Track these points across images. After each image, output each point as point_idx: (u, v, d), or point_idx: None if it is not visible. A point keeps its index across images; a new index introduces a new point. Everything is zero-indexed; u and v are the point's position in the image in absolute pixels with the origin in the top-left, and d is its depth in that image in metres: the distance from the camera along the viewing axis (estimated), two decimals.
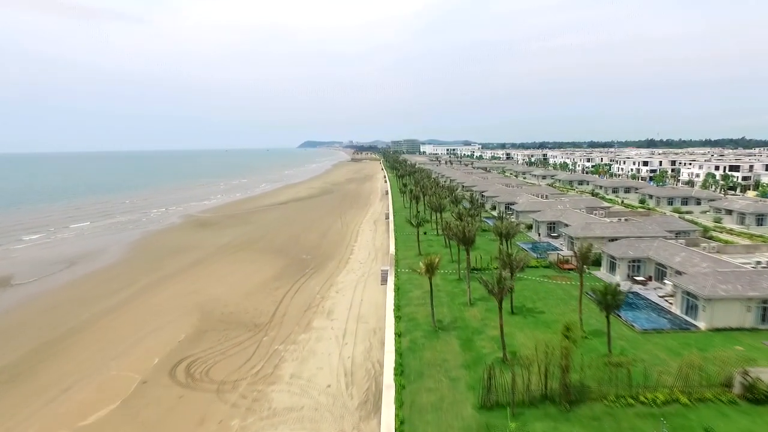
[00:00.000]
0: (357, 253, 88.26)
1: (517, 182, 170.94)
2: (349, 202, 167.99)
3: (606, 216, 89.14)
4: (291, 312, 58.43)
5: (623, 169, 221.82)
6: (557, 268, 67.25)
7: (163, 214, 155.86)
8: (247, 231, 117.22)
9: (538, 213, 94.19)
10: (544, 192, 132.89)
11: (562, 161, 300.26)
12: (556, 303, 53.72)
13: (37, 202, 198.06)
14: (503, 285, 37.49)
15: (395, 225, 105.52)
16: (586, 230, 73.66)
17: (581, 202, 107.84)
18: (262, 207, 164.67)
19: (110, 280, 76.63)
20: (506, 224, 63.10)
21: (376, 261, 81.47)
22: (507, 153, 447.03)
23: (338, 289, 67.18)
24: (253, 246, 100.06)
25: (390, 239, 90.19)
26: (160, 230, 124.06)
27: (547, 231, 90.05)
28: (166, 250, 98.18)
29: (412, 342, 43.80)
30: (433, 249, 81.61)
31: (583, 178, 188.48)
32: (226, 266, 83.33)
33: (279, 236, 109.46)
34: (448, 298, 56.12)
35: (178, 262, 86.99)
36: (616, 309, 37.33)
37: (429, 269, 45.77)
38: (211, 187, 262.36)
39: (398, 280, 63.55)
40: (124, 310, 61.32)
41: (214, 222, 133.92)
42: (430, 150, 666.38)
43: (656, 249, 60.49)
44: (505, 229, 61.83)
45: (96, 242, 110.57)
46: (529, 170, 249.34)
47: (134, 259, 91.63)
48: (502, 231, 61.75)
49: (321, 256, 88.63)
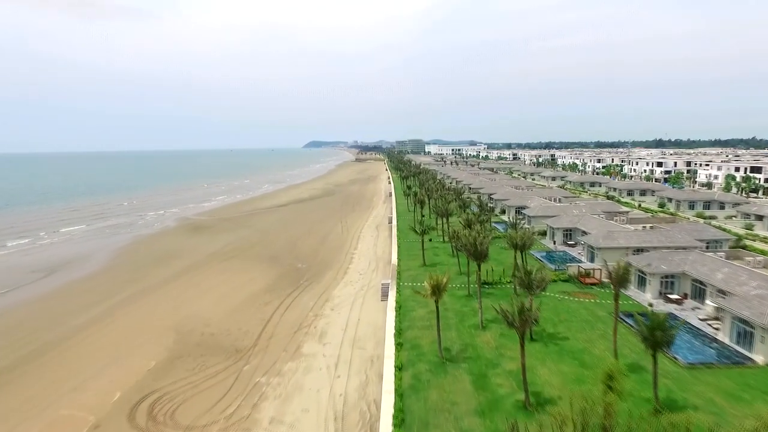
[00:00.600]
0: (357, 262, 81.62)
1: (526, 184, 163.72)
2: (351, 205, 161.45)
3: (627, 222, 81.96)
4: (279, 333, 51.85)
5: (635, 170, 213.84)
6: (578, 282, 60.26)
7: (158, 216, 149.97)
8: (243, 236, 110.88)
9: (552, 219, 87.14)
10: (556, 195, 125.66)
11: (570, 162, 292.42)
12: (581, 326, 46.80)
13: (33, 203, 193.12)
14: (526, 317, 30.61)
15: (398, 230, 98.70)
16: (608, 240, 66.60)
17: (598, 206, 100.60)
18: (260, 209, 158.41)
19: (87, 292, 70.41)
20: (521, 233, 56.15)
21: (376, 272, 74.79)
22: (514, 153, 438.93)
23: (334, 305, 60.50)
24: (246, 253, 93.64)
25: (392, 247, 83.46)
26: (152, 235, 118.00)
27: (563, 238, 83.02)
28: (153, 257, 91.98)
29: (415, 378, 37.08)
30: (439, 258, 74.87)
31: (595, 180, 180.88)
32: (214, 276, 76.92)
33: (275, 242, 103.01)
34: (456, 319, 49.34)
35: (164, 272, 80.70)
36: (667, 347, 30.24)
37: (435, 291, 38.96)
38: (213, 188, 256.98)
39: (400, 296, 56.80)
40: (94, 330, 54.97)
41: (209, 226, 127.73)
42: (435, 150, 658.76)
43: (693, 263, 53.39)
44: (520, 239, 54.90)
45: (83, 248, 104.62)
46: (538, 171, 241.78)
47: (118, 268, 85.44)
48: (517, 241, 54.82)
49: (318, 265, 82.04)
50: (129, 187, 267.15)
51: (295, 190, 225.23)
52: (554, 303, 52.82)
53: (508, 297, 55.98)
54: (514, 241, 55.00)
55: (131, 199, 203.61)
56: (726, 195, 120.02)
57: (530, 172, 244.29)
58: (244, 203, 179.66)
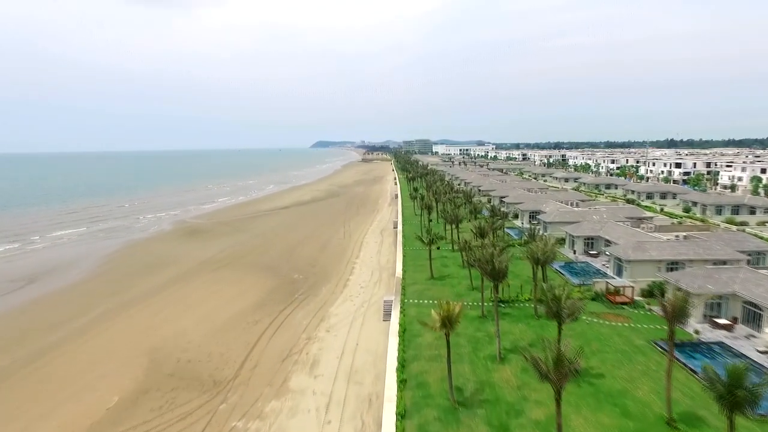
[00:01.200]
0: (358, 273, 74.89)
1: (538, 185, 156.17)
2: (356, 208, 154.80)
3: (656, 230, 74.54)
4: (265, 361, 45.24)
5: (652, 171, 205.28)
6: (606, 300, 53.16)
7: (155, 219, 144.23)
8: (239, 241, 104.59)
9: (572, 225, 79.90)
10: (572, 198, 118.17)
11: (582, 162, 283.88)
12: (617, 359, 39.77)
13: (33, 204, 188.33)
14: (566, 369, 23.63)
15: (404, 236, 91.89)
16: (639, 251, 59.30)
17: (619, 211, 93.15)
18: (261, 212, 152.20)
19: (61, 306, 64.34)
20: (542, 246, 49.11)
21: (379, 284, 68.00)
22: (523, 153, 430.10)
23: (330, 325, 53.78)
24: (240, 261, 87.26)
25: (397, 255, 76.66)
26: (144, 239, 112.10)
27: (584, 247, 75.80)
28: (141, 265, 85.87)
29: (421, 429, 30.36)
30: (448, 270, 67.98)
31: (611, 182, 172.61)
32: (202, 288, 70.57)
33: (272, 248, 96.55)
34: (469, 348, 42.49)
35: (150, 282, 74.50)
36: (752, 407, 22.96)
37: (446, 323, 32.14)
38: (216, 188, 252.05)
39: (404, 316, 50.02)
40: (58, 354, 48.70)
41: (206, 230, 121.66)
42: (442, 150, 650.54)
43: (744, 282, 46.14)
44: (541, 252, 47.89)
45: (70, 253, 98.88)
46: (549, 172, 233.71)
47: (102, 277, 79.41)
48: (539, 256, 47.81)
49: (316, 275, 75.43)
50: (132, 187, 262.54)
51: (299, 191, 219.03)
52: (582, 327, 45.74)
53: (527, 319, 49.14)
54: (535, 256, 47.96)
55: (132, 201, 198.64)
56: (756, 198, 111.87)
57: (541, 173, 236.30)
58: (245, 205, 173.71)
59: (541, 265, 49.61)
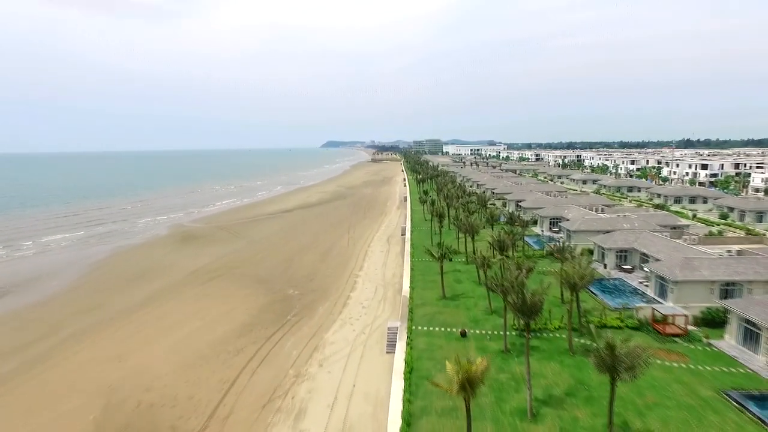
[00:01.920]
0: (360, 289, 66.80)
1: (556, 188, 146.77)
2: (362, 211, 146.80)
3: (699, 242, 65.56)
4: (241, 407, 37.33)
5: (675, 173, 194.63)
6: (652, 330, 44.52)
7: (153, 223, 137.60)
8: (235, 249, 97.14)
9: (601, 236, 71.11)
10: (595, 203, 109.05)
11: (599, 163, 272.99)
12: (683, 418, 31.26)
13: (31, 206, 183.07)
14: None
15: (412, 245, 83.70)
16: (688, 270, 50.43)
17: (651, 218, 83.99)
18: (263, 215, 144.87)
19: (27, 326, 57.20)
20: (579, 268, 40.57)
21: (384, 304, 59.83)
22: (536, 154, 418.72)
23: (324, 357, 45.75)
24: (233, 272, 79.72)
25: (405, 270, 68.47)
26: (136, 246, 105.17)
27: (616, 261, 66.99)
28: (125, 276, 78.73)
29: None
30: (462, 287, 59.64)
31: (633, 184, 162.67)
32: (185, 306, 63.05)
33: (269, 257, 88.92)
34: (491, 397, 34.23)
35: (130, 297, 67.22)
36: None
37: (466, 387, 23.92)
38: (222, 189, 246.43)
39: (412, 350, 41.86)
40: (2, 392, 41.27)
41: (202, 235, 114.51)
42: (453, 150, 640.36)
43: None
44: (579, 276, 39.38)
45: (55, 262, 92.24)
46: (565, 173, 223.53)
47: (80, 290, 72.30)
48: (575, 281, 39.30)
49: (314, 291, 67.52)
50: (137, 189, 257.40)
51: (304, 193, 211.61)
52: None
53: (559, 355, 40.63)
54: (571, 281, 39.45)
55: (136, 202, 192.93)
56: None
57: (557, 174, 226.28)
58: (248, 208, 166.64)
59: (577, 291, 41.08)
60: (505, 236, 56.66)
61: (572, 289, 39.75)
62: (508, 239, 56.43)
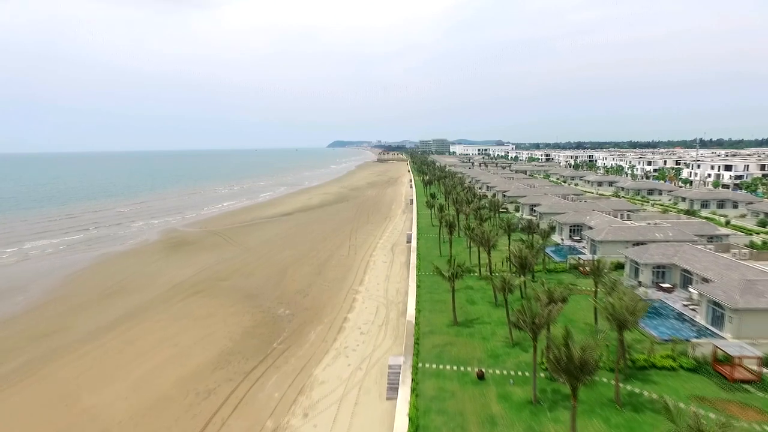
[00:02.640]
0: (359, 310, 58.64)
1: (573, 191, 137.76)
2: (366, 215, 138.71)
3: (750, 257, 56.78)
4: None
5: (696, 174, 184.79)
6: (715, 374, 36.05)
7: (146, 227, 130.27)
8: (225, 257, 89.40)
9: (634, 249, 62.53)
10: (618, 207, 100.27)
11: (613, 164, 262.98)
12: None
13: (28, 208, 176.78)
14: None
15: (419, 256, 75.56)
16: (753, 296, 41.79)
17: (686, 226, 75.16)
18: (260, 219, 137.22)
19: None
20: (628, 301, 32.12)
21: (385, 330, 51.65)
22: (546, 154, 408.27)
23: (310, 403, 37.65)
24: (219, 285, 71.98)
25: (410, 287, 60.28)
26: (121, 253, 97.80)
27: (653, 277, 58.39)
28: (100, 291, 71.15)
29: None
30: (476, 310, 51.47)
31: (653, 186, 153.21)
32: (160, 328, 55.27)
33: (261, 268, 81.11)
34: None
35: (100, 317, 59.63)
36: None
37: None
38: (224, 190, 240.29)
39: (418, 397, 33.70)
40: None
41: (193, 241, 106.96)
42: (460, 150, 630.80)
43: None
44: (629, 312, 30.97)
45: (31, 272, 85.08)
46: (579, 175, 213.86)
47: (45, 307, 64.67)
48: (626, 317, 30.89)
49: (306, 311, 59.51)
50: (139, 189, 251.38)
51: (306, 194, 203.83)
52: None
53: (602, 407, 32.20)
54: (619, 318, 31.05)
55: (133, 204, 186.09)
56: None
57: (570, 175, 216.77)
58: (247, 211, 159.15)
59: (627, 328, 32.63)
60: (526, 252, 48.20)
61: (621, 327, 31.31)
62: (530, 255, 48.02)
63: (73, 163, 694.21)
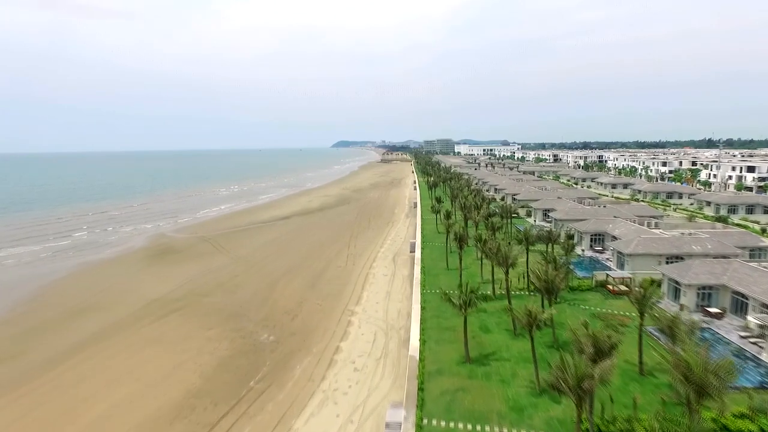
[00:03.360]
0: (354, 336, 50.62)
1: (588, 194, 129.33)
2: (367, 219, 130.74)
3: None
4: None
5: (716, 176, 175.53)
6: None
7: (134, 232, 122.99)
8: (211, 268, 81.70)
9: (674, 266, 54.29)
10: (641, 213, 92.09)
11: (624, 165, 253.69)
12: None
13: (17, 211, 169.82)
14: None
15: (423, 270, 67.62)
16: None
17: (726, 237, 66.79)
18: (255, 223, 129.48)
19: None
20: (704, 355, 23.92)
21: (384, 364, 43.60)
22: (554, 154, 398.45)
23: None
24: (201, 301, 64.27)
25: (413, 312, 52.30)
26: (101, 262, 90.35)
27: (697, 299, 50.14)
28: (67, 309, 63.52)
29: None
30: (491, 339, 43.52)
31: (673, 189, 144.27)
32: (124, 356, 47.61)
33: (249, 281, 73.35)
34: None
35: (59, 341, 52.04)
36: None
37: None
38: (223, 192, 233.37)
39: None
40: None
41: (180, 249, 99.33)
42: (465, 150, 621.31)
43: None
44: (713, 374, 22.74)
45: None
46: (591, 176, 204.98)
47: (3, 327, 57.21)
48: (710, 383, 22.63)
49: (293, 336, 51.60)
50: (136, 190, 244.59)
51: (306, 197, 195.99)
52: None
53: None
54: (697, 384, 22.76)
55: (126, 207, 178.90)
56: None
57: (581, 177, 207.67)
58: (243, 214, 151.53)
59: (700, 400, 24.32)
60: (553, 274, 40.01)
61: (699, 394, 23.04)
62: (558, 278, 39.84)
63: (73, 163, 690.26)
